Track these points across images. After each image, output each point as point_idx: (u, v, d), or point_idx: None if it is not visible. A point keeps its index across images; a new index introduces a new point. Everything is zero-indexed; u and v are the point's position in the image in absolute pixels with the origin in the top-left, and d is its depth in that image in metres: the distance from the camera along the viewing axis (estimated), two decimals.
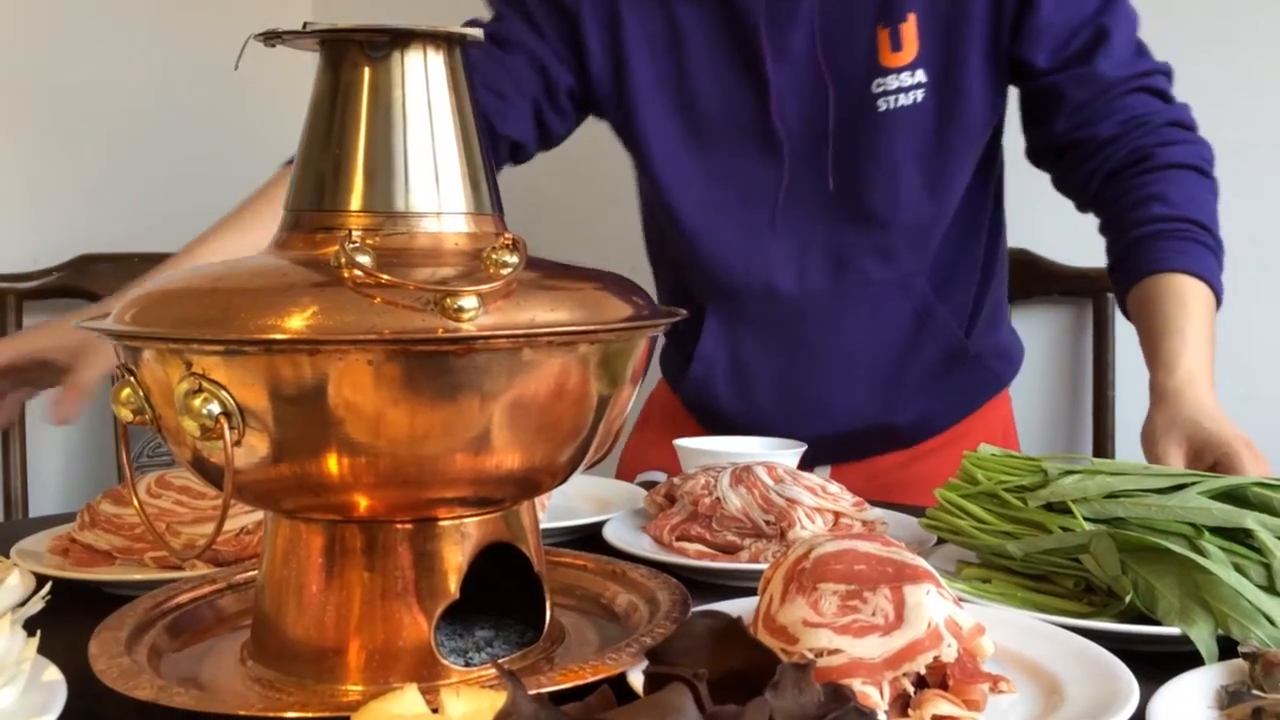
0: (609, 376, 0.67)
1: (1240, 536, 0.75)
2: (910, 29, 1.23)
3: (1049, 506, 0.83)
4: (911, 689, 0.58)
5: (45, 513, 1.81)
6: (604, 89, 1.33)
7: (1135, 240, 1.18)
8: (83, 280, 1.91)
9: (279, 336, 0.56)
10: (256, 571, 0.72)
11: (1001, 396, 1.47)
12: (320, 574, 0.66)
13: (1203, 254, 1.15)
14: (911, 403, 1.36)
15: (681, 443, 1.23)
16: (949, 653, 0.58)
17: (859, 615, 0.59)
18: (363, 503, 0.63)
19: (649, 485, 1.14)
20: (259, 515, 0.94)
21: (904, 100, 1.24)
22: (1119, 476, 0.82)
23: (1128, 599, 0.74)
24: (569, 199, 2.13)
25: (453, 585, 0.66)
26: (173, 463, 1.21)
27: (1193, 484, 0.80)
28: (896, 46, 1.24)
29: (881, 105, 1.25)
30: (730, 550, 0.95)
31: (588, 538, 1.04)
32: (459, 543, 0.66)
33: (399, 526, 0.65)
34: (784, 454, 1.16)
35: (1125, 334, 1.84)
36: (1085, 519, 0.80)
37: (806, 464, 1.36)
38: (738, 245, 1.32)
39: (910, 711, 0.57)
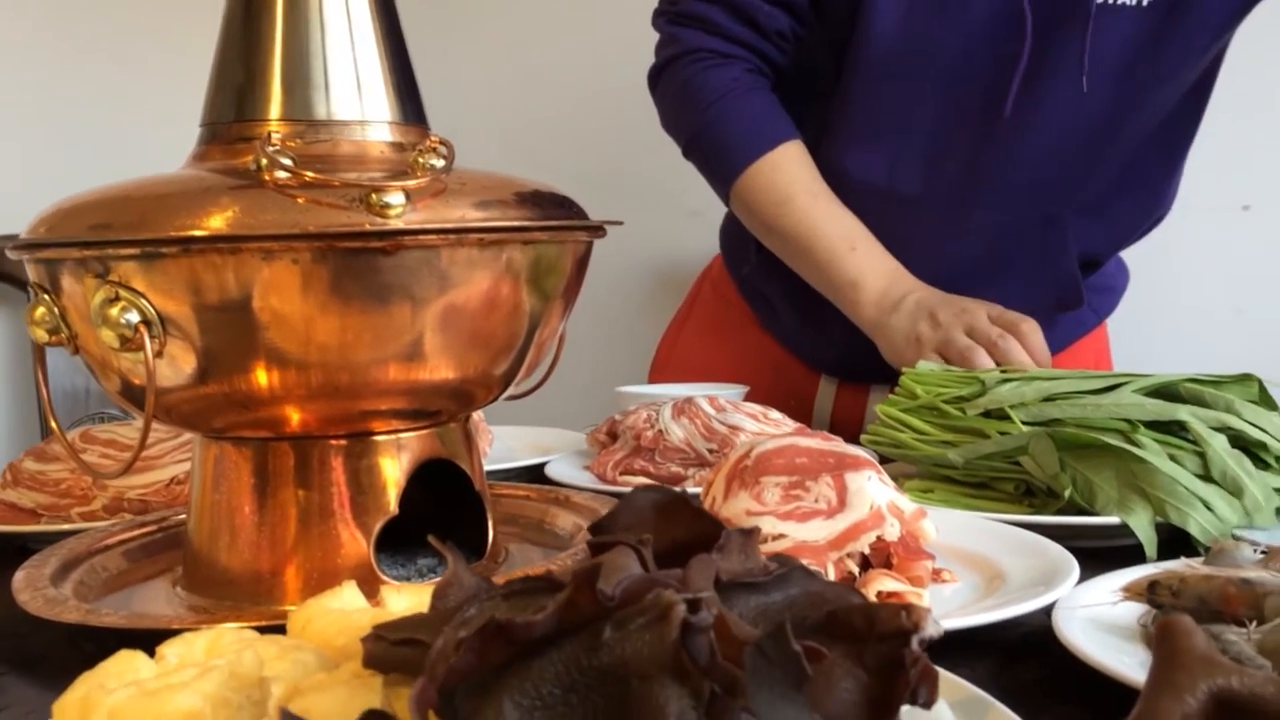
0: (540, 287, 0.65)
1: (1174, 429, 0.77)
2: None
3: (987, 414, 0.83)
4: (856, 570, 0.58)
5: None
6: None
7: None
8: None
9: (198, 234, 0.54)
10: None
11: (1097, 331, 1.36)
12: (253, 496, 0.64)
13: None
14: None
15: (623, 390, 1.23)
16: (892, 532, 0.58)
17: (802, 502, 0.59)
18: (294, 417, 0.62)
19: None
20: (189, 465, 0.91)
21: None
22: (1055, 381, 0.83)
23: (1066, 494, 0.74)
24: None
25: (391, 501, 0.65)
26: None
27: (1126, 383, 0.81)
28: None
29: None
30: (675, 481, 0.95)
31: (530, 481, 1.02)
32: (395, 457, 0.65)
33: (333, 442, 0.64)
34: (725, 394, 1.15)
35: None
36: (1023, 423, 0.81)
37: (863, 382, 1.30)
38: None
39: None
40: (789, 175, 1.18)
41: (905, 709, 0.40)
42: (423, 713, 0.32)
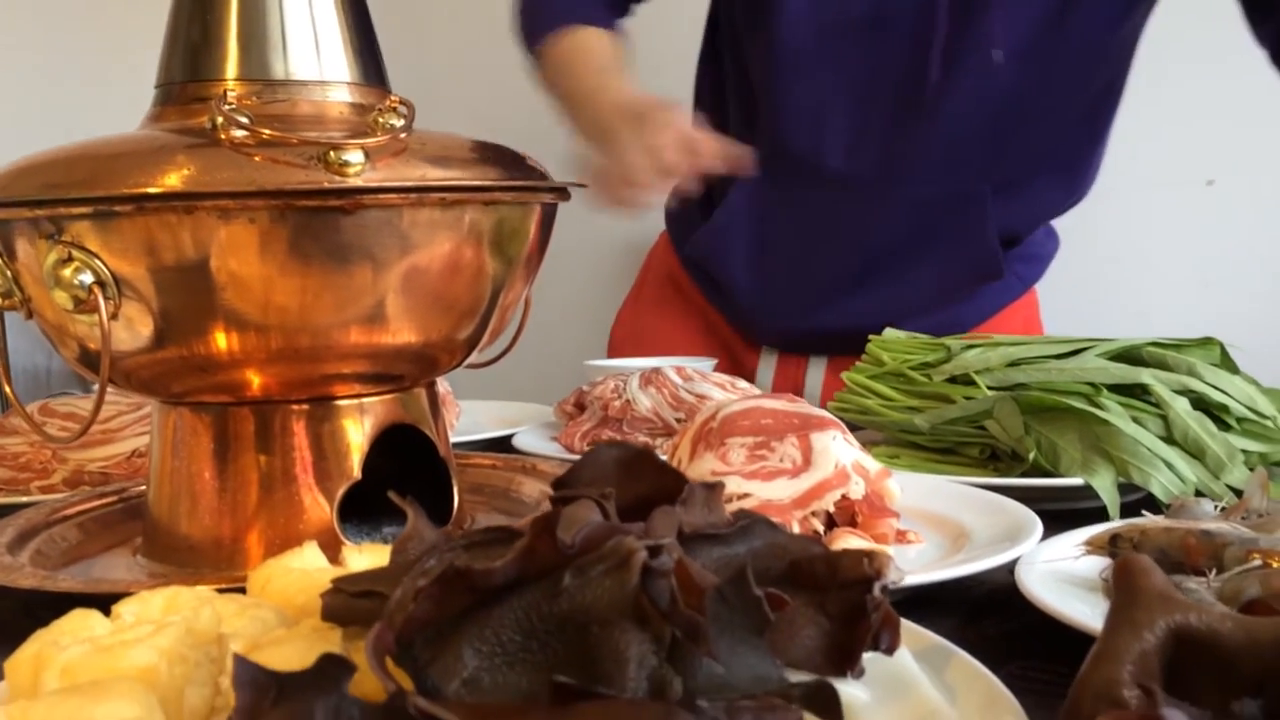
0: (503, 250, 0.65)
1: (1137, 393, 0.77)
2: None
3: (953, 380, 0.84)
4: (821, 528, 0.58)
5: None
6: None
7: None
8: None
9: (152, 191, 0.53)
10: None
11: (1025, 298, 1.37)
12: (213, 461, 0.63)
13: None
14: (926, 311, 1.24)
15: (591, 363, 1.23)
16: (857, 490, 0.58)
17: (767, 462, 0.59)
18: (254, 381, 0.61)
19: None
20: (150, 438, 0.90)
21: None
22: (1020, 346, 0.83)
23: (1031, 457, 0.75)
24: None
25: (354, 466, 0.64)
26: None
27: (1089, 347, 0.81)
28: None
29: None
30: None
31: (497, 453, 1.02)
32: (358, 422, 0.64)
33: (294, 407, 0.63)
34: (694, 365, 1.15)
35: None
36: (988, 388, 0.81)
37: (800, 353, 1.33)
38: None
39: None
40: (583, 46, 1.22)
41: (868, 656, 0.40)
42: (380, 658, 0.32)
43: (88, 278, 0.55)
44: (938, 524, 0.67)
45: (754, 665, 0.36)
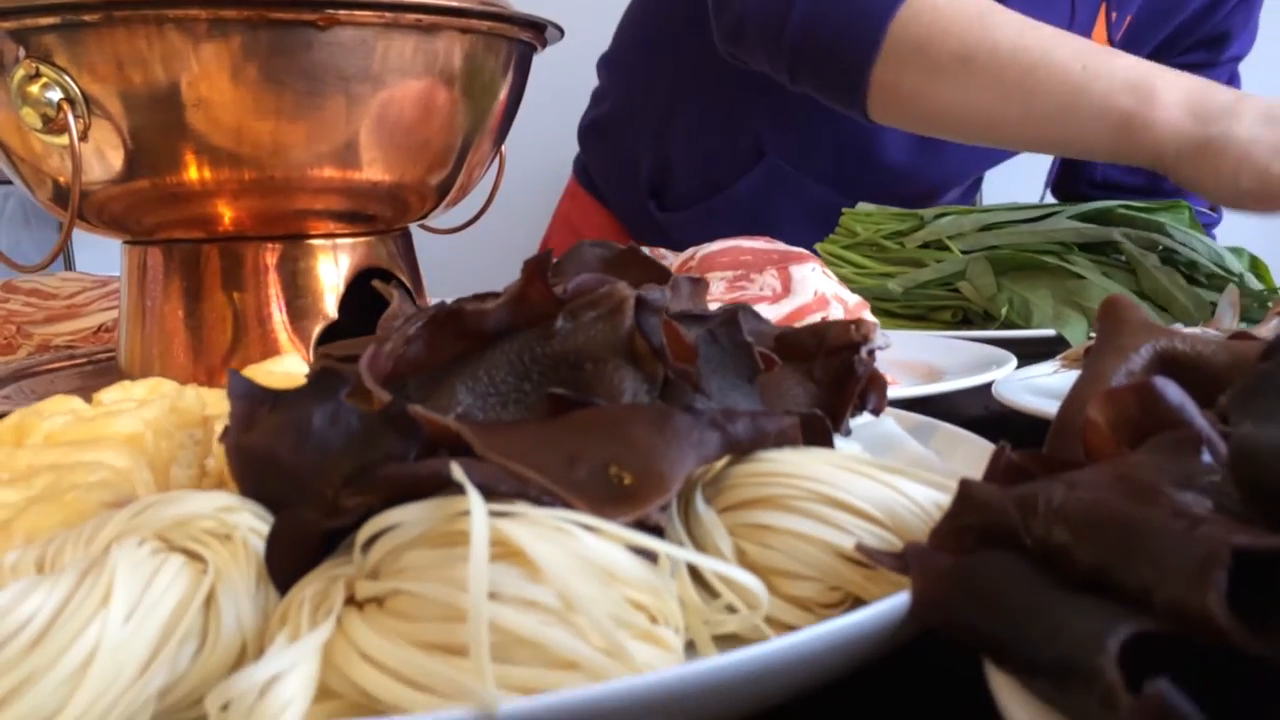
0: (475, 95, 0.64)
1: (1108, 251, 0.78)
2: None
3: (926, 246, 0.84)
4: None
5: None
6: None
7: None
8: None
9: None
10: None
11: None
12: (185, 300, 0.62)
13: None
14: None
15: None
16: (836, 314, 0.58)
17: (746, 291, 0.59)
18: (227, 215, 0.60)
19: None
20: (116, 313, 0.89)
21: None
22: (992, 212, 0.84)
23: (1003, 313, 0.75)
24: None
25: (329, 306, 0.63)
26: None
27: (1061, 210, 0.82)
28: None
29: None
30: None
31: None
32: (333, 262, 0.64)
33: (269, 245, 0.62)
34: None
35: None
36: (961, 252, 0.81)
37: None
38: None
39: None
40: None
41: (855, 422, 0.40)
42: (377, 375, 0.32)
43: (56, 94, 0.54)
44: (912, 368, 0.67)
45: (745, 408, 0.36)
